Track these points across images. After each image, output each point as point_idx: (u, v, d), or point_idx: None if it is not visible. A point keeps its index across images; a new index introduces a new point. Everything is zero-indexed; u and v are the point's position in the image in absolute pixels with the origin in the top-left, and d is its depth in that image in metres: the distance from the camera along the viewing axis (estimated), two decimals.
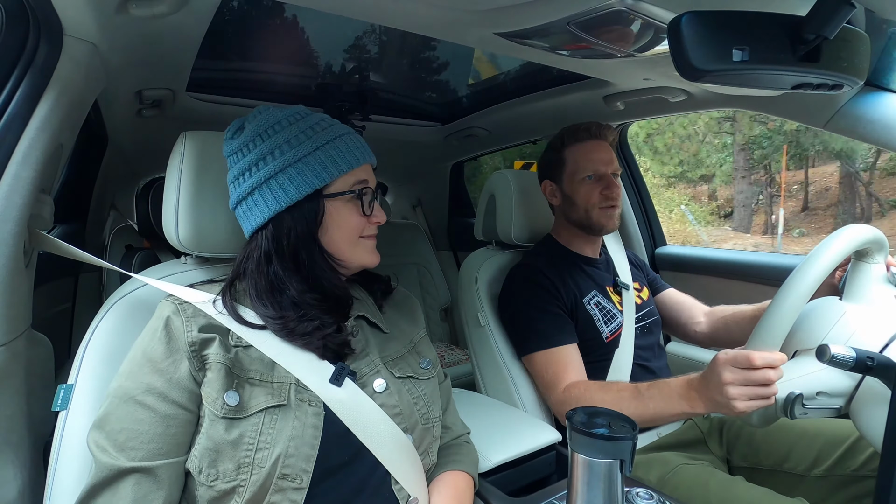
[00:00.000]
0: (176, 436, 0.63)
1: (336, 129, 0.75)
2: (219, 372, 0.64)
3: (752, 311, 1.18)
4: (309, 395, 0.67)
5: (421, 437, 0.74)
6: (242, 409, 0.64)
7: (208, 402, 0.63)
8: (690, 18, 0.57)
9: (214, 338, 0.67)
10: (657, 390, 0.95)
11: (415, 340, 0.84)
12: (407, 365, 0.78)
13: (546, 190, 1.29)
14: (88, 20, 0.76)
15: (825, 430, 1.04)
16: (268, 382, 0.67)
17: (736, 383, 0.81)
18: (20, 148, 0.71)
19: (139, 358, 0.66)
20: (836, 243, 0.79)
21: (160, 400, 0.63)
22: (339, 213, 0.73)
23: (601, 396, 1.01)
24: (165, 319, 0.67)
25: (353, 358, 0.73)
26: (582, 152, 1.22)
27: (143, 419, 0.62)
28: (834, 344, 0.68)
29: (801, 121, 1.14)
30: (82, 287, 1.79)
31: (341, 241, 0.74)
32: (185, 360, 0.65)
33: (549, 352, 1.11)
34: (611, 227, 1.23)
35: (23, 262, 0.76)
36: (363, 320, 0.79)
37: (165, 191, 0.79)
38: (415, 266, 2.39)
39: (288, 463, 0.62)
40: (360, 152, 0.75)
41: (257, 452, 0.62)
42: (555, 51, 0.97)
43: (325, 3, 0.81)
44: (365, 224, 0.76)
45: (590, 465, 0.55)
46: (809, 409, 0.78)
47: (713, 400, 0.85)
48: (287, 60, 1.48)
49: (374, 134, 1.79)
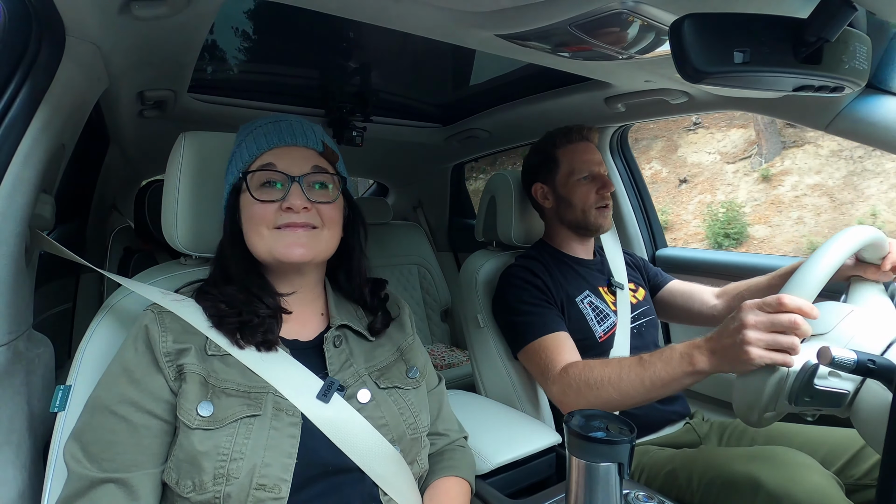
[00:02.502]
0: (150, 446, 0.63)
1: (258, 122, 0.74)
2: (193, 382, 0.64)
3: (767, 281, 1.15)
4: (286, 404, 0.66)
5: (409, 447, 0.73)
6: (217, 420, 0.62)
7: (182, 413, 0.63)
8: (692, 20, 0.57)
9: (190, 347, 0.66)
10: (659, 355, 0.88)
11: (402, 348, 0.82)
12: (393, 374, 0.77)
13: (537, 192, 1.28)
14: (91, 21, 0.76)
15: (829, 440, 1.03)
16: (244, 392, 0.65)
17: (758, 326, 0.73)
18: (22, 148, 0.71)
19: (116, 368, 0.66)
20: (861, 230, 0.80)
21: (134, 410, 0.62)
22: (244, 205, 0.71)
23: (601, 370, 0.95)
24: (143, 329, 0.67)
25: (337, 369, 0.72)
26: (575, 153, 1.23)
27: (117, 430, 0.62)
28: (835, 346, 0.68)
29: (803, 123, 1.13)
30: (83, 287, 1.79)
31: (250, 234, 0.70)
32: (160, 371, 0.64)
33: (541, 340, 1.09)
34: (606, 226, 1.24)
35: (24, 262, 0.76)
36: (347, 329, 0.77)
37: (165, 191, 0.79)
38: (415, 267, 2.39)
39: (264, 473, 0.61)
40: (269, 137, 0.71)
41: (231, 463, 0.61)
42: (556, 52, 0.97)
43: (326, 5, 0.81)
44: (276, 212, 0.68)
45: (588, 468, 0.55)
46: (818, 392, 0.73)
47: (724, 349, 0.77)
48: (288, 62, 1.48)
49: (375, 135, 1.79)
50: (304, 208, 0.68)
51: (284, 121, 0.74)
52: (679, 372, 0.84)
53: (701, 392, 1.53)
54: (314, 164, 0.72)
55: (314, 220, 0.70)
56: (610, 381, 0.91)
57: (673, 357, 0.85)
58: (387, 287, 0.87)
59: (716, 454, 0.98)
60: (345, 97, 1.63)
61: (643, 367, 0.88)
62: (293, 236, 0.68)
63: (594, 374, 0.95)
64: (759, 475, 0.84)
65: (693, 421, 1.20)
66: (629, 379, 0.89)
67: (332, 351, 0.73)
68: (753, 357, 0.73)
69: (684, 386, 0.85)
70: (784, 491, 0.80)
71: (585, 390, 0.94)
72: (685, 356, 0.83)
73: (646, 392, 0.88)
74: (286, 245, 0.68)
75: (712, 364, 0.80)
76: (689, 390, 1.51)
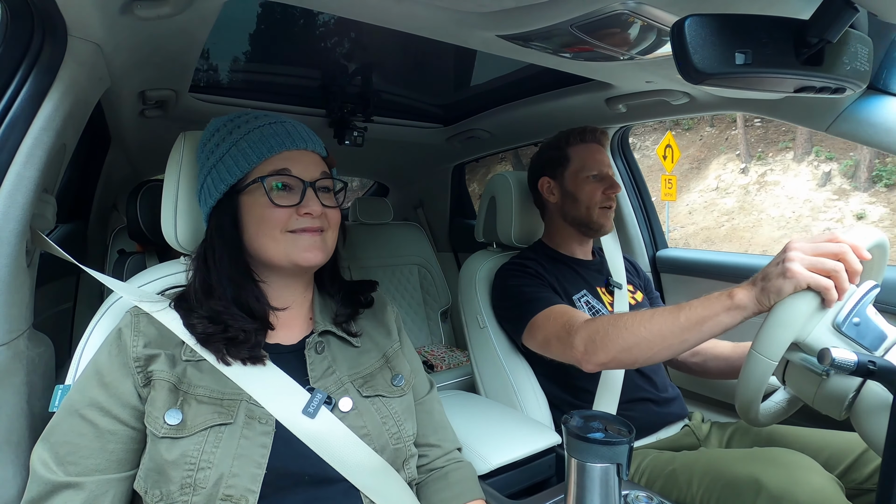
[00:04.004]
0: (115, 452, 0.62)
1: (257, 121, 0.72)
2: (162, 389, 0.63)
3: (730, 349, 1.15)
4: (260, 412, 0.64)
5: (393, 456, 0.71)
6: (185, 428, 0.61)
7: (149, 421, 0.62)
8: (693, 21, 0.57)
9: (160, 353, 0.65)
10: (697, 300, 0.82)
11: (388, 354, 0.80)
12: (377, 382, 0.75)
13: (543, 186, 1.29)
14: (93, 21, 0.76)
15: (831, 443, 1.02)
16: (216, 399, 0.64)
17: (805, 251, 0.71)
18: (24, 147, 0.71)
19: (90, 370, 0.65)
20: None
21: (102, 415, 0.62)
22: (253, 207, 0.69)
23: (631, 315, 0.89)
24: (118, 332, 0.66)
25: (319, 375, 0.71)
26: (588, 152, 1.25)
27: (84, 433, 0.61)
28: (835, 348, 0.68)
29: (804, 124, 1.13)
30: (83, 287, 1.79)
31: (260, 237, 0.69)
32: (129, 376, 0.63)
33: (550, 309, 1.06)
34: (609, 227, 1.24)
35: (25, 262, 0.76)
36: (330, 335, 0.76)
37: (165, 191, 0.79)
38: (415, 267, 2.39)
39: (231, 483, 0.59)
40: (279, 139, 0.70)
41: (198, 472, 0.59)
42: (557, 53, 0.97)
43: (328, 5, 0.81)
44: (290, 216, 0.69)
45: (586, 469, 0.55)
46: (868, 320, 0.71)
47: (765, 277, 0.73)
48: (290, 62, 1.48)
49: (376, 135, 1.79)
50: (320, 213, 0.70)
51: (286, 122, 0.73)
52: (718, 308, 0.78)
53: (700, 392, 1.52)
54: (322, 169, 0.73)
55: (324, 223, 0.71)
56: (641, 322, 0.85)
57: (711, 296, 0.80)
58: (376, 288, 0.86)
59: (717, 456, 0.97)
60: (346, 97, 1.63)
61: (678, 308, 0.83)
62: (311, 240, 0.70)
63: (623, 317, 0.89)
64: (761, 477, 0.84)
65: (692, 423, 1.20)
66: (662, 317, 0.83)
67: (313, 357, 0.72)
68: (795, 273, 0.69)
69: (721, 325, 0.78)
70: (785, 492, 0.80)
71: (613, 332, 0.87)
72: (724, 293, 0.79)
73: (680, 331, 0.81)
74: (304, 249, 0.69)
75: (752, 295, 0.75)
76: (688, 391, 1.52)
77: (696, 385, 1.52)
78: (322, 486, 0.65)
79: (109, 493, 0.61)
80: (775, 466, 0.86)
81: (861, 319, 0.72)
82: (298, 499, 0.63)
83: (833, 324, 0.73)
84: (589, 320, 0.96)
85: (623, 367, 1.05)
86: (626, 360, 0.88)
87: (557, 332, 1.01)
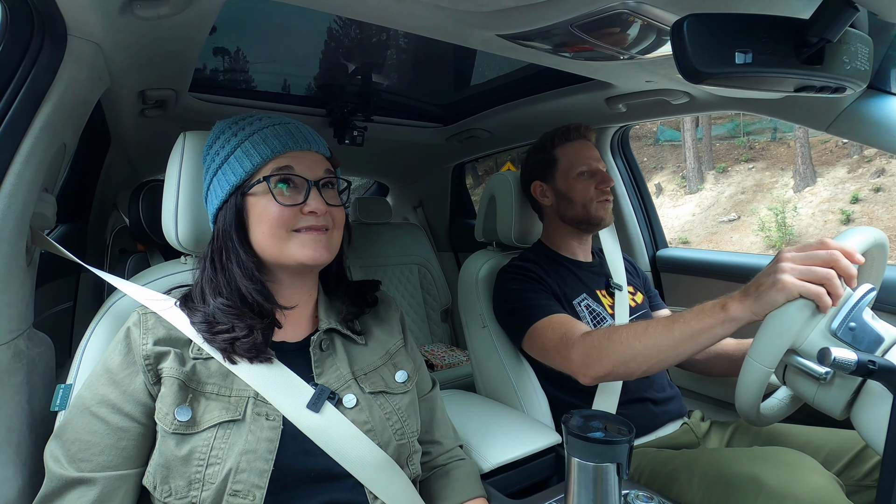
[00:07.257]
0: (126, 449, 0.63)
1: (261, 123, 0.73)
2: (171, 387, 0.63)
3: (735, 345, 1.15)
4: (268, 408, 0.65)
5: (397, 452, 0.72)
6: (194, 425, 0.62)
7: (159, 417, 0.63)
8: (693, 21, 0.57)
9: (169, 351, 0.66)
10: (689, 311, 0.83)
11: (391, 351, 0.81)
12: (380, 379, 0.76)
13: (536, 191, 1.29)
14: (93, 21, 0.76)
15: (830, 441, 1.02)
16: (225, 396, 0.65)
17: (795, 260, 0.71)
18: (24, 147, 0.71)
19: (100, 368, 0.66)
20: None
21: (113, 412, 0.63)
22: (258, 207, 0.70)
23: (626, 328, 0.90)
24: (126, 330, 0.67)
25: (322, 372, 0.72)
26: (574, 150, 1.24)
27: (96, 430, 0.62)
28: (835, 347, 0.68)
29: (804, 123, 1.13)
30: (84, 287, 1.79)
31: (265, 237, 0.69)
32: (139, 374, 0.64)
33: (549, 318, 1.07)
34: (608, 220, 1.23)
35: (25, 261, 0.76)
36: (334, 333, 0.77)
37: (165, 191, 0.79)
38: (416, 267, 2.39)
39: (239, 478, 0.60)
40: (283, 140, 0.71)
41: (208, 468, 0.60)
42: (557, 53, 0.97)
43: (328, 4, 0.81)
44: (295, 215, 0.69)
45: (586, 469, 0.55)
46: (864, 324, 0.72)
47: (758, 288, 0.73)
48: (290, 61, 1.48)
49: (376, 135, 1.79)
50: (325, 212, 0.71)
51: (290, 123, 0.74)
52: (712, 321, 0.78)
53: (700, 392, 1.53)
54: (325, 168, 0.74)
55: (328, 222, 0.72)
56: (635, 335, 0.86)
57: (704, 308, 0.80)
58: (380, 288, 0.87)
59: (717, 454, 0.97)
60: (346, 97, 1.63)
61: (672, 321, 0.84)
62: (316, 239, 0.70)
63: (618, 331, 0.90)
64: (761, 475, 0.84)
65: (690, 421, 1.20)
66: (656, 331, 0.84)
67: (318, 354, 0.73)
68: (787, 283, 0.69)
69: (716, 337, 0.79)
70: (786, 491, 0.80)
71: (608, 347, 0.89)
72: (717, 305, 0.79)
73: (674, 344, 0.82)
74: (310, 248, 0.69)
75: (745, 307, 0.75)
76: (688, 389, 1.52)
77: (696, 384, 1.52)
78: (328, 482, 0.66)
79: (121, 488, 0.62)
80: (775, 465, 0.86)
81: (857, 324, 0.72)
82: (305, 494, 0.64)
83: (829, 329, 0.73)
84: (585, 334, 0.97)
85: (620, 380, 1.08)
86: (622, 374, 0.90)
87: (555, 344, 1.02)
